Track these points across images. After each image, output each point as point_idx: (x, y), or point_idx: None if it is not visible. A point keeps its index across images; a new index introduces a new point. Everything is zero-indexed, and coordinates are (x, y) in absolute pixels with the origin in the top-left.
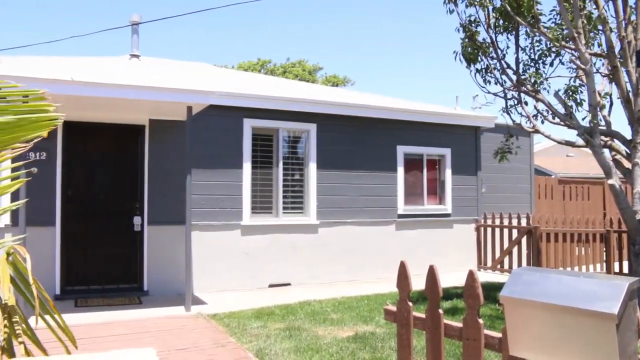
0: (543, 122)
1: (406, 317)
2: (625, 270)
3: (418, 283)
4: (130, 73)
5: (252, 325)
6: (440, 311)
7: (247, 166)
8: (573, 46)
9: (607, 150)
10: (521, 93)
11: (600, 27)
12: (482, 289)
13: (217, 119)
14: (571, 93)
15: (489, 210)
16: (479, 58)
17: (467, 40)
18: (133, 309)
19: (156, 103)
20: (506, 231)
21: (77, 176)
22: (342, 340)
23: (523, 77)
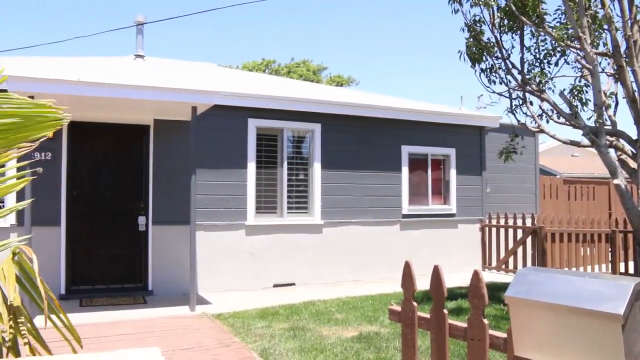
0: (548, 122)
1: (411, 317)
2: (631, 270)
3: (423, 283)
4: (135, 73)
5: (257, 325)
6: (445, 311)
7: (252, 166)
8: (578, 45)
9: (613, 150)
10: (526, 93)
11: (605, 27)
12: (487, 289)
13: (222, 119)
14: (576, 93)
15: (494, 210)
16: (484, 58)
17: (472, 39)
18: (138, 309)
19: (161, 103)
20: (511, 231)
21: (82, 176)
22: (347, 340)
23: (528, 77)
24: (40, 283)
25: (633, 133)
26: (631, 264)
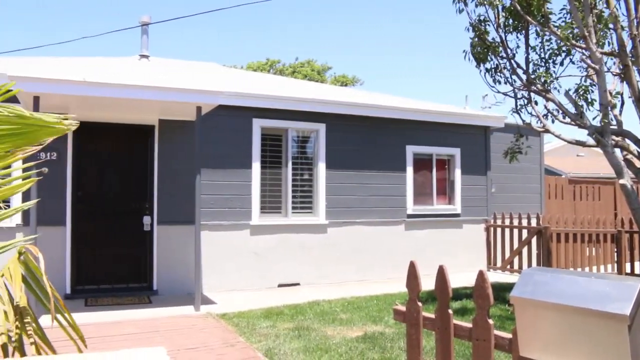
0: (553, 122)
1: (415, 317)
2: (637, 270)
3: (427, 283)
4: (140, 73)
5: (261, 324)
6: (449, 311)
7: (256, 166)
8: (584, 45)
9: (619, 149)
10: (531, 92)
11: (611, 26)
12: (492, 290)
13: (226, 119)
14: (582, 92)
15: (499, 210)
16: (489, 57)
17: (477, 39)
18: (143, 308)
19: (165, 103)
20: (516, 231)
21: (88, 176)
22: (351, 340)
23: (533, 77)
24: (46, 282)
25: (639, 132)
26: (637, 265)
